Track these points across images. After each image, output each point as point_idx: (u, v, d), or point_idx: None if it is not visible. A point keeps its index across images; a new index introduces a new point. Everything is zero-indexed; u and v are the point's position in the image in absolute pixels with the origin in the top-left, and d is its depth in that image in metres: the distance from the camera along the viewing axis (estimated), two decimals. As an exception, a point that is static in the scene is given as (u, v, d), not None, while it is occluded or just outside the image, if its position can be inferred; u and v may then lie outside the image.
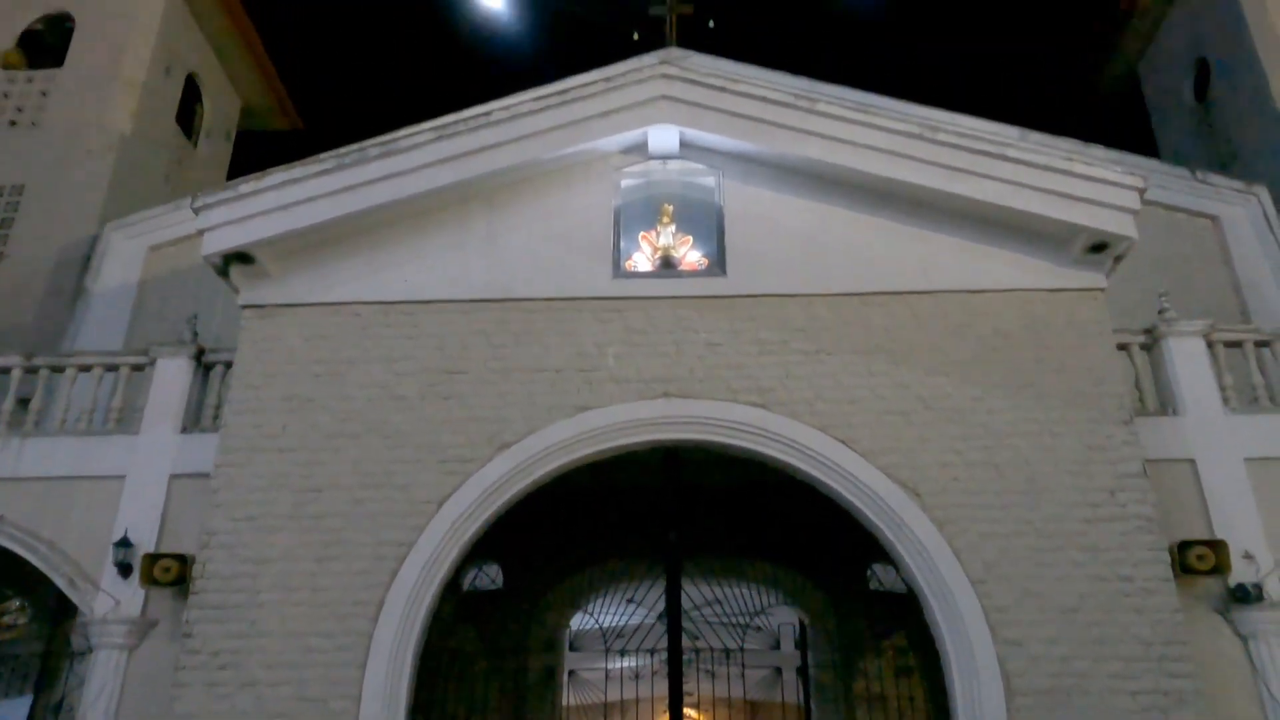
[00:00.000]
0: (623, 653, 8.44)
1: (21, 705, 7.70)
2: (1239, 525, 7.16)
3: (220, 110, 15.32)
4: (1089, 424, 7.17)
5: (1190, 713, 6.33)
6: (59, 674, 7.83)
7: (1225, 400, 7.63)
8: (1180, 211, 10.77)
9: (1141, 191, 7.37)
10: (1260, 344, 7.91)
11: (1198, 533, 7.12)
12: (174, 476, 7.75)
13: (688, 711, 20.60)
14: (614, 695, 8.82)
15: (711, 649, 8.78)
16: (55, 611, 7.95)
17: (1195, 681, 6.43)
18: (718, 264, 7.88)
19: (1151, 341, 7.95)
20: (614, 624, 9.05)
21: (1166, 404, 7.73)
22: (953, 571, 6.77)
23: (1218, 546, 6.90)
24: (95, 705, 7.03)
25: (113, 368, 8.34)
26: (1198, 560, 6.84)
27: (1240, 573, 6.96)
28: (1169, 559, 6.78)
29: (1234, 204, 10.70)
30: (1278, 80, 11.72)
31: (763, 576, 10.22)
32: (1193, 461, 7.43)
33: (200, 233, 7.73)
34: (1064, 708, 6.39)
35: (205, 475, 7.41)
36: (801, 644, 10.36)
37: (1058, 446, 7.11)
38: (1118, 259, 7.59)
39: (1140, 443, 7.13)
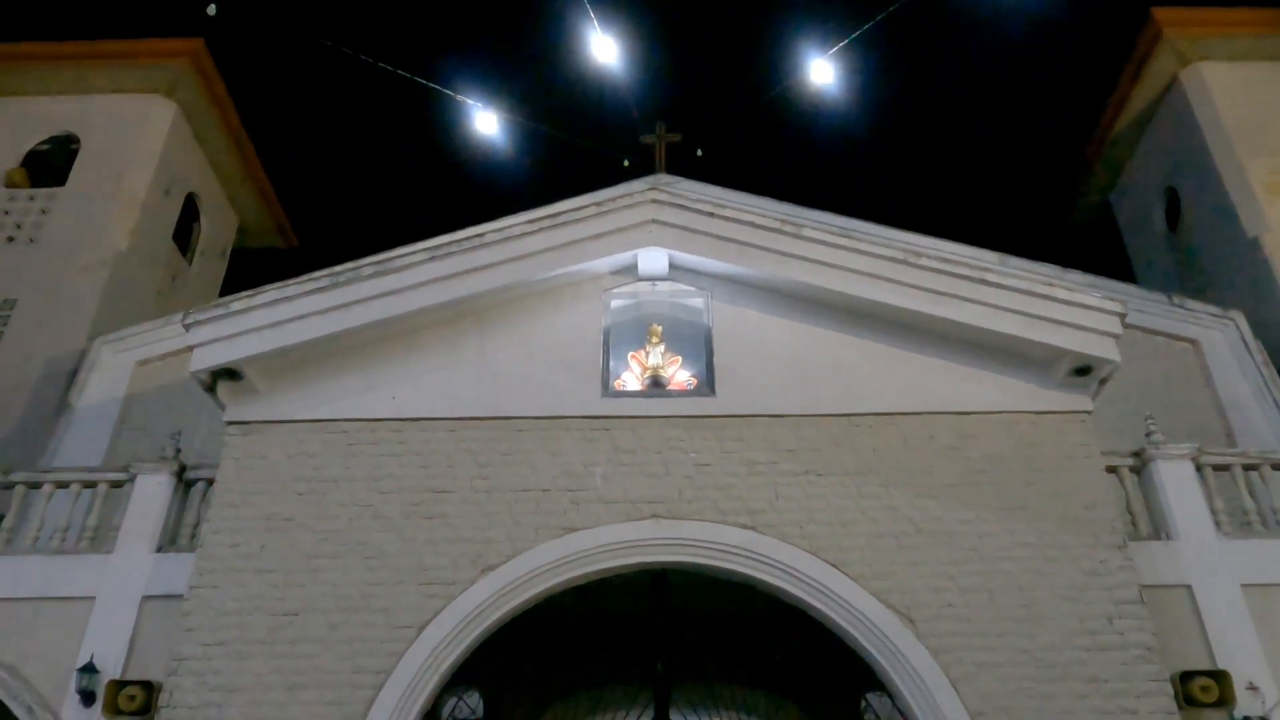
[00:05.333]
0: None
1: None
2: (1240, 654, 6.98)
3: (217, 228, 15.59)
4: (1083, 548, 7.08)
5: None
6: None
7: (1218, 524, 7.57)
8: (1160, 335, 10.94)
9: (1122, 316, 7.50)
10: (1248, 467, 7.90)
11: (1198, 661, 6.94)
12: (145, 598, 7.49)
13: None
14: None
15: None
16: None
17: (1207, 824, 6.15)
18: (706, 384, 7.90)
19: (1140, 464, 7.94)
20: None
21: (1159, 528, 7.66)
22: (950, 703, 6.55)
23: (1221, 677, 6.72)
24: None
25: (91, 484, 8.17)
26: (1201, 692, 6.65)
27: (1245, 705, 6.75)
28: (1172, 690, 6.58)
29: (1212, 328, 10.89)
30: (1246, 209, 12.11)
31: (756, 706, 9.85)
32: (1189, 587, 7.30)
33: (189, 348, 7.72)
34: None
35: (179, 597, 7.18)
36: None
37: (1052, 571, 6.99)
38: (1103, 381, 7.66)
39: (1135, 568, 7.02)
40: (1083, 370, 7.57)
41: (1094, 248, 16.80)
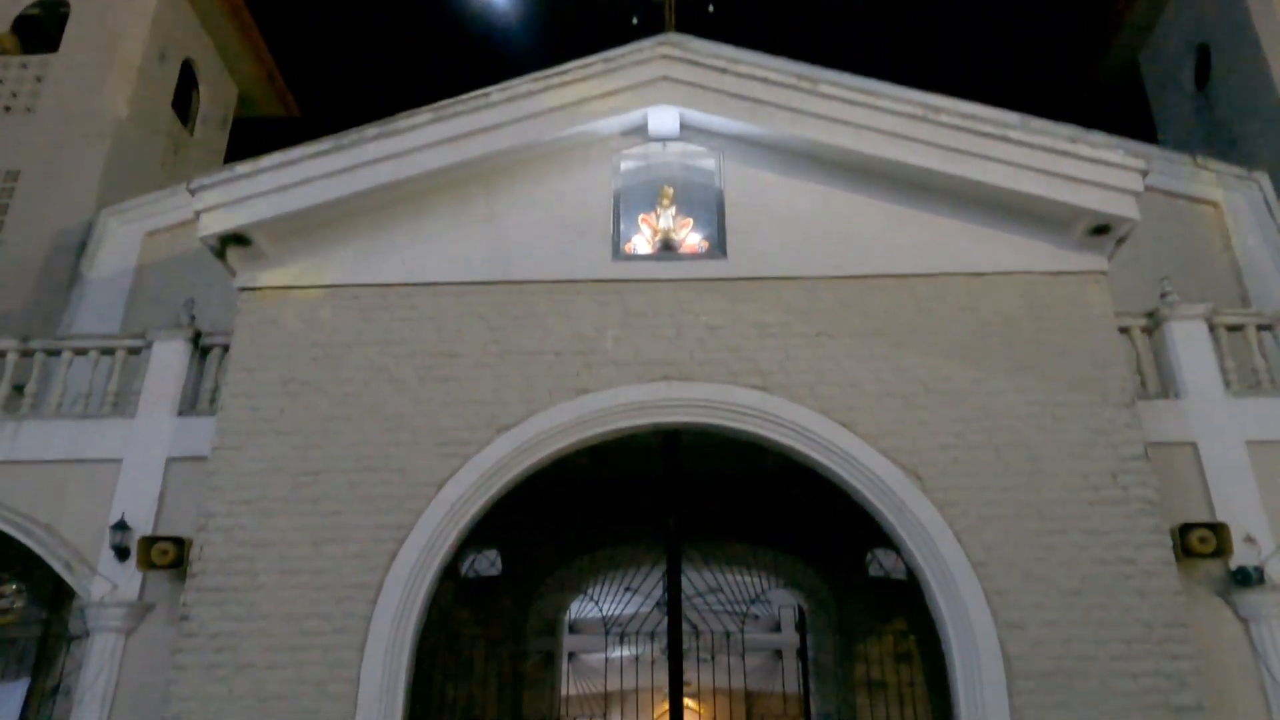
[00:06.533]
0: (622, 636, 8.40)
1: (19, 688, 7.66)
2: (1240, 508, 7.13)
3: (217, 97, 15.22)
4: (1091, 407, 7.14)
5: (1190, 695, 6.31)
6: (57, 658, 7.78)
7: (1227, 383, 7.60)
8: (1181, 198, 10.72)
9: (1144, 173, 7.33)
10: (1262, 327, 7.87)
11: (1199, 516, 7.10)
12: (171, 460, 7.70)
13: (687, 702, 20.70)
14: (613, 683, 8.77)
15: (711, 632, 8.74)
16: (53, 596, 7.90)
17: (1196, 663, 6.41)
18: (718, 246, 7.83)
19: (1153, 325, 7.92)
20: (613, 612, 9.01)
21: (1168, 387, 7.70)
22: (954, 554, 6.74)
23: (1219, 529, 6.88)
24: (93, 688, 6.99)
25: (109, 351, 8.28)
26: (1199, 543, 6.82)
27: (1242, 555, 6.94)
28: (1171, 542, 6.75)
29: (1235, 190, 10.65)
30: (1279, 67, 11.66)
31: (763, 563, 10.20)
32: (1194, 445, 7.40)
33: (197, 215, 7.66)
34: (1065, 690, 6.37)
35: (202, 459, 7.36)
36: (801, 628, 10.35)
37: (1060, 429, 7.07)
38: (1120, 241, 7.56)
39: (1142, 426, 7.10)
40: (1101, 230, 7.46)
41: (1118, 110, 16.30)
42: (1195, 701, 6.29)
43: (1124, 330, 7.80)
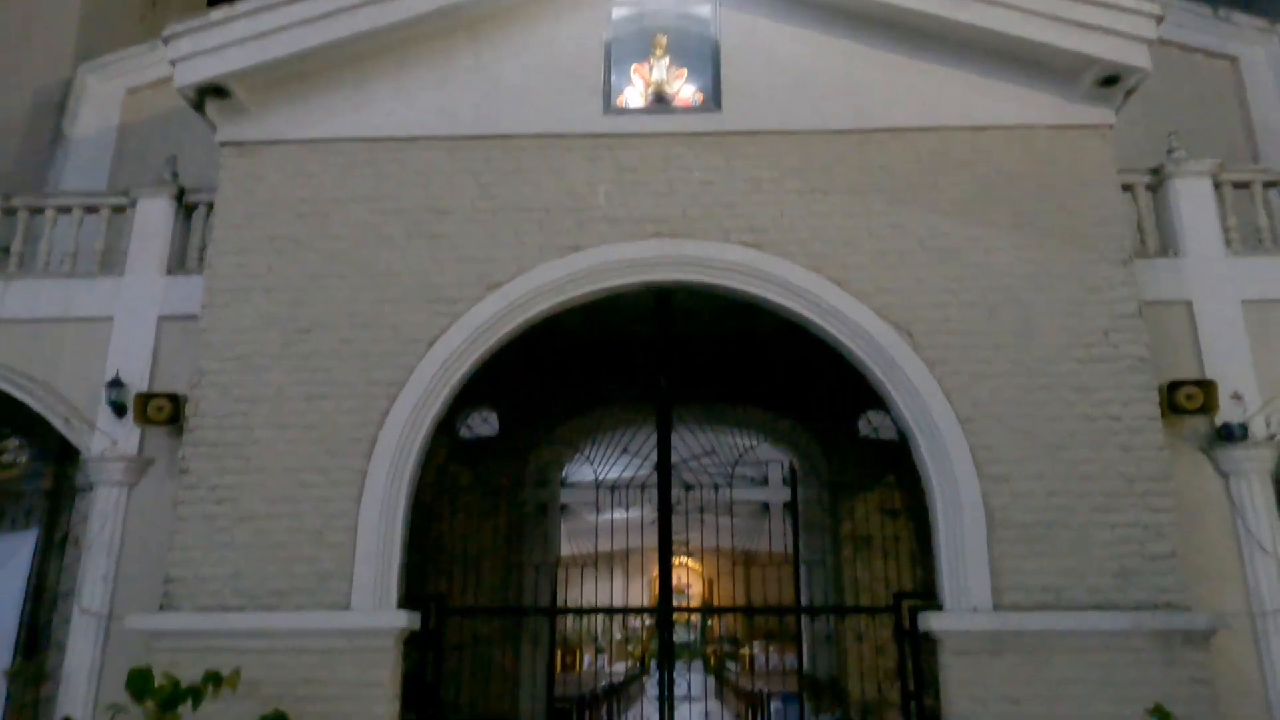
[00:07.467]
0: (614, 489, 8.59)
1: (29, 538, 7.91)
2: (1231, 367, 7.15)
3: (192, -55, 14.48)
4: (1087, 265, 7.06)
5: (1166, 545, 6.48)
6: (65, 510, 8.00)
7: (1227, 242, 7.50)
8: (1198, 52, 10.31)
9: (1158, 19, 7.01)
10: (1269, 184, 7.71)
11: (1189, 374, 7.12)
12: (162, 318, 7.70)
13: (686, 561, 21.46)
14: (608, 544, 9.02)
15: (701, 485, 8.94)
16: (60, 451, 8.05)
17: (1174, 516, 6.55)
18: (713, 99, 7.58)
19: (1158, 182, 7.74)
20: (608, 475, 9.14)
21: (1168, 246, 7.60)
22: (942, 410, 6.80)
23: (1207, 386, 6.91)
24: (98, 539, 7.20)
25: (93, 209, 8.16)
26: (1186, 400, 6.86)
27: (1228, 412, 7.00)
28: (1158, 398, 6.79)
29: (1254, 43, 10.23)
30: (1313, -90, 11.02)
31: (755, 423, 10.34)
32: (1189, 304, 7.36)
33: (172, 65, 7.40)
34: (1044, 540, 6.53)
35: (193, 317, 7.35)
36: (791, 483, 10.61)
37: (1054, 287, 7.01)
38: (1129, 93, 7.29)
39: (1137, 283, 7.03)
40: (1109, 81, 7.18)
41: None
42: (1169, 550, 6.46)
43: (1127, 188, 7.64)
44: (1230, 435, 6.90)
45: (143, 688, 5.61)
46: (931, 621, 6.47)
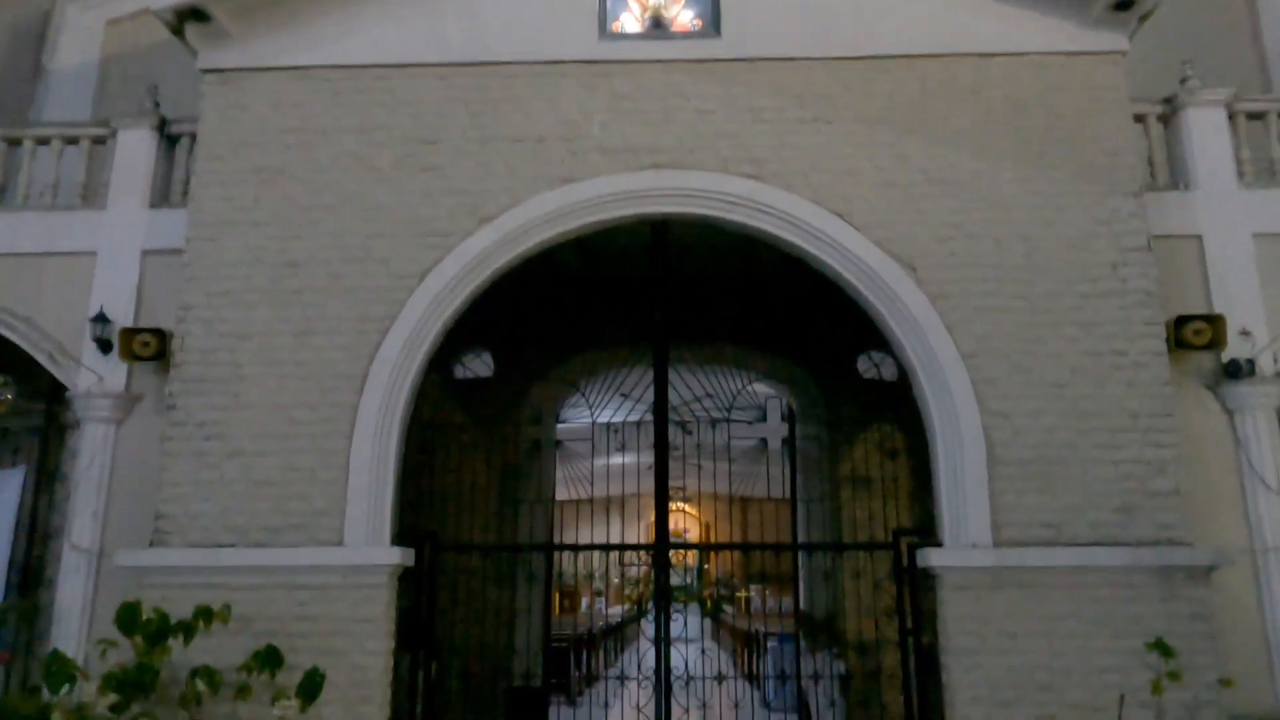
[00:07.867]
0: (609, 427, 8.50)
1: (17, 475, 7.82)
2: (1240, 301, 7.00)
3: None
4: (1096, 197, 6.87)
5: (1168, 481, 6.39)
6: (55, 448, 7.90)
7: (1240, 174, 7.30)
8: (1212, -19, 9.99)
9: (1177, -61, 6.72)
10: (1285, 115, 7.47)
11: (1198, 309, 6.97)
12: (146, 252, 7.50)
13: (684, 507, 21.52)
14: (601, 488, 8.93)
15: (697, 419, 8.83)
16: (50, 389, 7.91)
17: (1177, 451, 6.46)
18: (712, 25, 7.31)
19: (1170, 112, 7.52)
20: (605, 418, 9.01)
21: (1179, 179, 7.39)
22: (944, 345, 6.66)
23: (1215, 321, 6.77)
24: (87, 475, 7.10)
25: (72, 140, 7.91)
26: (1194, 335, 6.72)
27: (1235, 348, 6.86)
28: (1164, 333, 6.65)
29: (1272, -29, 9.91)
30: None
31: (754, 362, 10.21)
32: (1200, 237, 7.18)
33: (151, -10, 7.13)
34: (1044, 476, 6.44)
35: (178, 251, 7.15)
36: (789, 421, 10.51)
37: (1062, 220, 6.83)
38: (1144, 18, 7.03)
39: (1147, 217, 6.85)
40: (1123, 5, 6.93)
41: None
42: (1172, 486, 6.37)
43: (1139, 119, 7.41)
44: (1237, 371, 6.77)
45: (131, 622, 5.55)
46: (931, 557, 6.40)
